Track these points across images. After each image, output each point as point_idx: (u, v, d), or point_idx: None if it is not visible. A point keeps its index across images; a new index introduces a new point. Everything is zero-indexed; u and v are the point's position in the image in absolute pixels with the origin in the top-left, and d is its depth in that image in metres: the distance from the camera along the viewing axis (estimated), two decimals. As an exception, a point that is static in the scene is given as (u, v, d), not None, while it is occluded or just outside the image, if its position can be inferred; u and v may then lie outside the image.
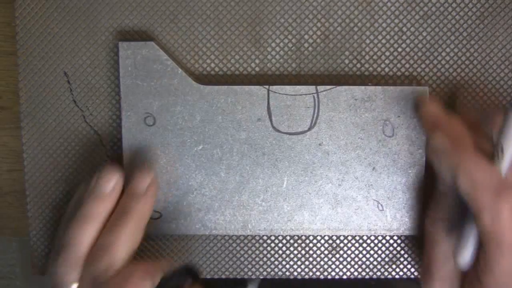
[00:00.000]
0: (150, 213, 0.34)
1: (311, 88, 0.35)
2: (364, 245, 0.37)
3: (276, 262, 0.38)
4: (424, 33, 0.36)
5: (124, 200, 0.33)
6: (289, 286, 0.43)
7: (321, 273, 0.38)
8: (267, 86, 0.35)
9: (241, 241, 0.37)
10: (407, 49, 0.36)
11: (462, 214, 0.31)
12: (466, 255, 0.30)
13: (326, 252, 0.37)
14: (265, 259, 0.38)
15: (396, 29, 0.36)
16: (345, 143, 0.35)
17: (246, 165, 0.35)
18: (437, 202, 0.33)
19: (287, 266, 0.38)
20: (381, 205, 0.36)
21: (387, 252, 0.37)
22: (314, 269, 0.38)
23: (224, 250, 0.37)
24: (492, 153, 0.30)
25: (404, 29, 0.36)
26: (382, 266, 0.37)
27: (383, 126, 0.35)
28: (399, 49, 0.36)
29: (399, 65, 0.36)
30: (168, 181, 0.35)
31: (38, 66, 0.36)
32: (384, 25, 0.36)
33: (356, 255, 0.37)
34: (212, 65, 0.36)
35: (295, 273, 0.38)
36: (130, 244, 0.31)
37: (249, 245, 0.37)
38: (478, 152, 0.30)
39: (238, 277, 0.38)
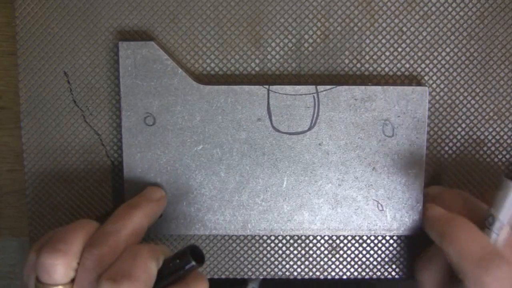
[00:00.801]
0: (155, 218, 0.34)
1: (311, 88, 0.35)
2: (364, 245, 0.37)
3: (276, 262, 0.38)
4: (424, 33, 0.36)
5: (135, 199, 0.33)
6: (289, 286, 0.43)
7: (321, 273, 0.38)
8: (267, 86, 0.35)
9: (241, 241, 0.37)
10: (407, 49, 0.36)
11: (453, 277, 0.30)
12: None
13: (326, 252, 0.37)
14: (265, 259, 0.38)
15: (396, 29, 0.36)
16: (345, 143, 0.35)
17: (246, 165, 0.35)
18: (431, 255, 0.33)
19: (287, 266, 0.38)
20: (381, 205, 0.36)
21: (387, 252, 0.37)
22: (314, 269, 0.38)
23: (224, 250, 0.37)
24: (483, 223, 0.29)
25: (404, 29, 0.36)
26: (382, 266, 0.37)
27: (383, 126, 0.35)
28: (399, 49, 0.36)
29: (399, 65, 0.36)
30: (168, 181, 0.35)
31: (38, 66, 0.36)
32: (384, 25, 0.36)
33: (356, 255, 0.37)
34: (212, 65, 0.36)
35: (295, 273, 0.38)
36: (133, 237, 0.31)
37: (249, 245, 0.37)
38: (470, 220, 0.30)
39: (238, 277, 0.38)
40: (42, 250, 0.28)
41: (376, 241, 0.37)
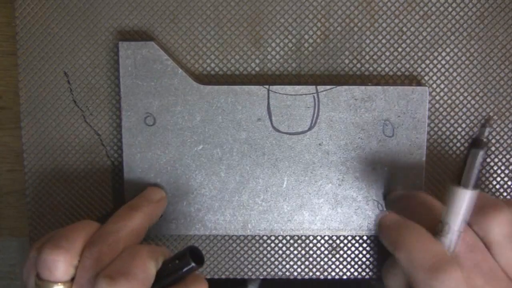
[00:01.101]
0: (156, 219, 0.34)
1: (311, 88, 0.35)
2: (364, 245, 0.37)
3: (276, 262, 0.38)
4: (424, 33, 0.36)
5: (136, 200, 0.33)
6: (289, 286, 0.43)
7: (321, 273, 0.38)
8: (267, 86, 0.35)
9: (241, 241, 0.37)
10: (407, 49, 0.36)
11: None
12: None
13: (326, 252, 0.37)
14: (265, 259, 0.38)
15: (396, 29, 0.36)
16: (345, 143, 0.35)
17: (246, 165, 0.35)
18: (395, 264, 0.32)
19: (287, 266, 0.38)
20: (381, 205, 0.36)
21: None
22: (314, 269, 0.38)
23: (224, 250, 0.37)
24: (437, 229, 0.29)
25: (404, 29, 0.36)
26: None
27: (383, 126, 0.35)
28: (399, 49, 0.36)
29: (399, 65, 0.36)
30: (168, 181, 0.35)
31: (38, 66, 0.36)
32: (384, 25, 0.36)
33: (356, 255, 0.37)
34: (212, 65, 0.36)
35: (295, 273, 0.38)
36: (133, 238, 0.31)
37: (249, 245, 0.37)
38: (423, 227, 0.29)
39: (238, 277, 0.38)
40: (44, 246, 0.28)
41: (376, 241, 0.37)
